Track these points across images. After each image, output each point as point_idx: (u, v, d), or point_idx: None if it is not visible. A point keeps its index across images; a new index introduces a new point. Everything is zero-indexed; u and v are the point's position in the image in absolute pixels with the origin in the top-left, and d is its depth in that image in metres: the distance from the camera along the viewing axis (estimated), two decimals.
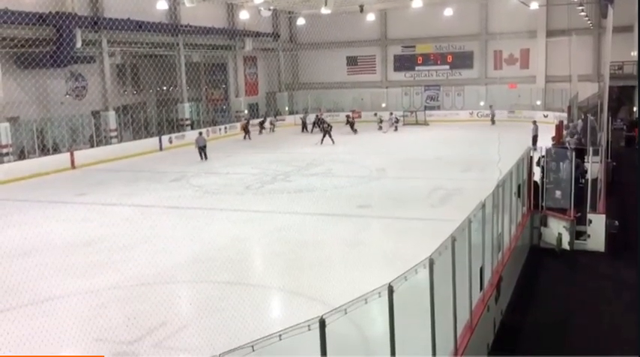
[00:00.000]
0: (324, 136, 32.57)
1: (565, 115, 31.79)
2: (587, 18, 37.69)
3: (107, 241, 14.68)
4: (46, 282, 11.68)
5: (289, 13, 45.01)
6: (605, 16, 25.74)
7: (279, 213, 17.01)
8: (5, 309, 10.48)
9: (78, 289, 11.34)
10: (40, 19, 25.82)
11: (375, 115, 41.48)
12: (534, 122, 29.49)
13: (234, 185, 21.91)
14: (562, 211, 13.69)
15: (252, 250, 14.73)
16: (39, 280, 11.69)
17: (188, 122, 36.75)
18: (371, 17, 42.91)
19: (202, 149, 28.17)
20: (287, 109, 46.42)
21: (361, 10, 38.67)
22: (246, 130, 36.79)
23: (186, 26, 34.92)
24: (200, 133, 29.68)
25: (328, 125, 33.24)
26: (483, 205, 8.39)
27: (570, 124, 25.32)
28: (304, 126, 40.09)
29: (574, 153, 14.00)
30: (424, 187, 20.14)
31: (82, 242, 14.56)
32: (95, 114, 30.72)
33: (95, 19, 29.26)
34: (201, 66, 41.03)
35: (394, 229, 15.34)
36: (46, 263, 12.89)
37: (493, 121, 40.04)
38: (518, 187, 12.37)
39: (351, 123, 38.36)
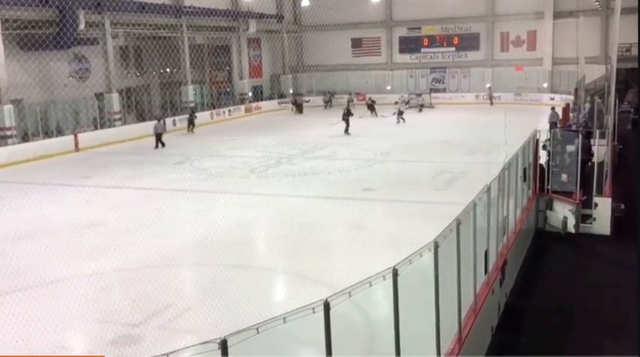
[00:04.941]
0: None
1: (572, 97, 31.53)
2: None
3: (111, 224, 14.70)
4: (51, 264, 11.71)
5: None
6: None
7: (284, 196, 16.99)
8: (11, 290, 10.51)
9: (82, 272, 11.35)
10: (43, 0, 25.64)
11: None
12: (553, 108, 26.21)
13: (238, 168, 21.86)
14: (568, 195, 13.63)
15: (256, 233, 14.74)
16: (44, 262, 11.73)
17: (192, 104, 36.64)
18: None
19: (159, 137, 27.23)
20: (291, 91, 46.25)
21: None
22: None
23: (189, 8, 34.66)
24: (159, 120, 28.71)
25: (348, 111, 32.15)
26: (489, 189, 8.35)
27: (576, 107, 25.12)
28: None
29: (580, 136, 13.91)
30: (429, 170, 20.06)
31: (86, 225, 14.57)
32: (99, 96, 30.65)
33: (98, 0, 29.07)
34: (205, 48, 40.83)
35: (399, 212, 15.30)
36: (50, 246, 12.90)
37: (491, 103, 40.57)
38: (524, 170, 12.32)
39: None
